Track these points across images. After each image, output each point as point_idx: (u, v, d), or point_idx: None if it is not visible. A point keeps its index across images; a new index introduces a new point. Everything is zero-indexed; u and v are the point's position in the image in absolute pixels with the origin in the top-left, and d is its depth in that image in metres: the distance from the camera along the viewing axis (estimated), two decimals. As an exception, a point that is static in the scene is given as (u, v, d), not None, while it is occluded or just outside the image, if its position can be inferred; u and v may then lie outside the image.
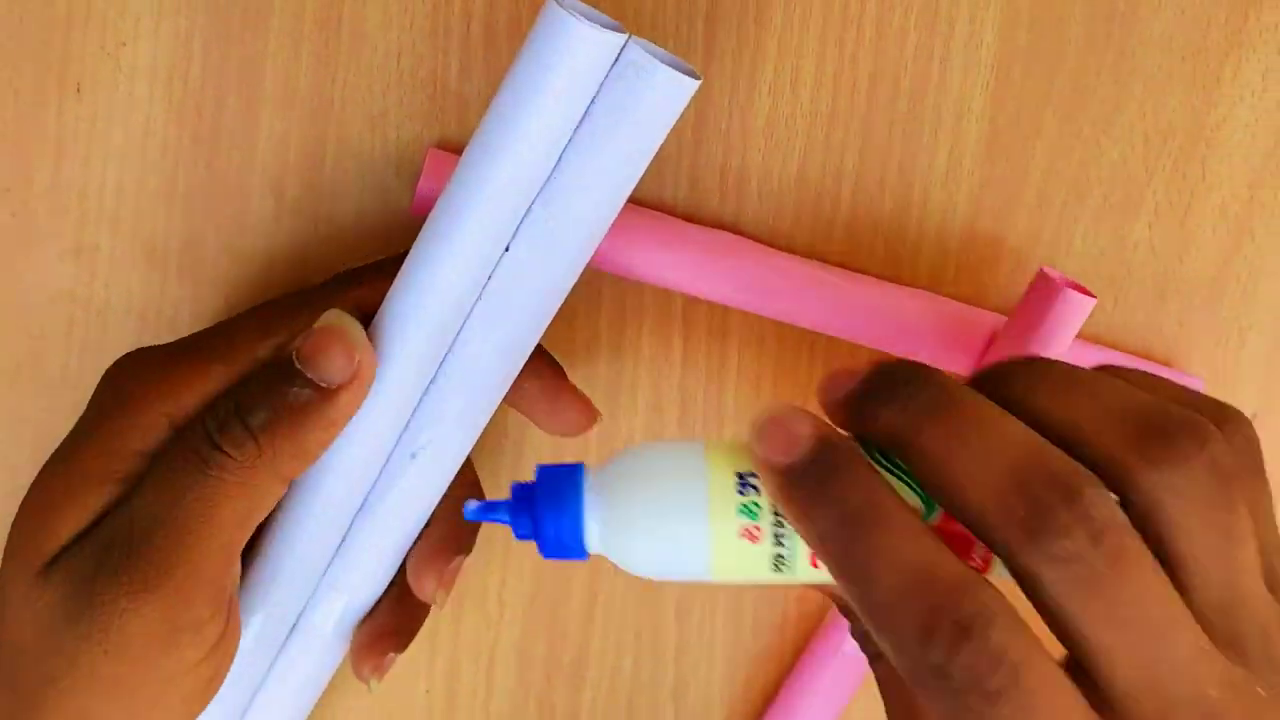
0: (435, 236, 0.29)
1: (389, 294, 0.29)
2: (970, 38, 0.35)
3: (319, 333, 0.28)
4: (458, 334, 0.29)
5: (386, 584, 0.33)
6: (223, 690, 0.30)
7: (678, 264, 0.34)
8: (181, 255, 0.35)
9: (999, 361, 0.25)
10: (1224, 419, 0.24)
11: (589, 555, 0.26)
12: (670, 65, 0.27)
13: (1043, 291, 0.32)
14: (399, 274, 0.29)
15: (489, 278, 0.29)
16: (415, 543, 0.32)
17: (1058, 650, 0.23)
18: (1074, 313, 0.32)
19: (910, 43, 0.35)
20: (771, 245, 0.36)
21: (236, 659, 0.30)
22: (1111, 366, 0.26)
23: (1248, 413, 0.36)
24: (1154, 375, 0.25)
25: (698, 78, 0.28)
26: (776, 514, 0.25)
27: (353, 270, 0.32)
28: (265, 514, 0.28)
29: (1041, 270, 0.33)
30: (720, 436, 0.37)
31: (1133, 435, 0.23)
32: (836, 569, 0.23)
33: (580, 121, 0.28)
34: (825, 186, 0.35)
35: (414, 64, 0.34)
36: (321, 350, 0.27)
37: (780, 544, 0.25)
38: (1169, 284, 0.37)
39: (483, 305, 0.29)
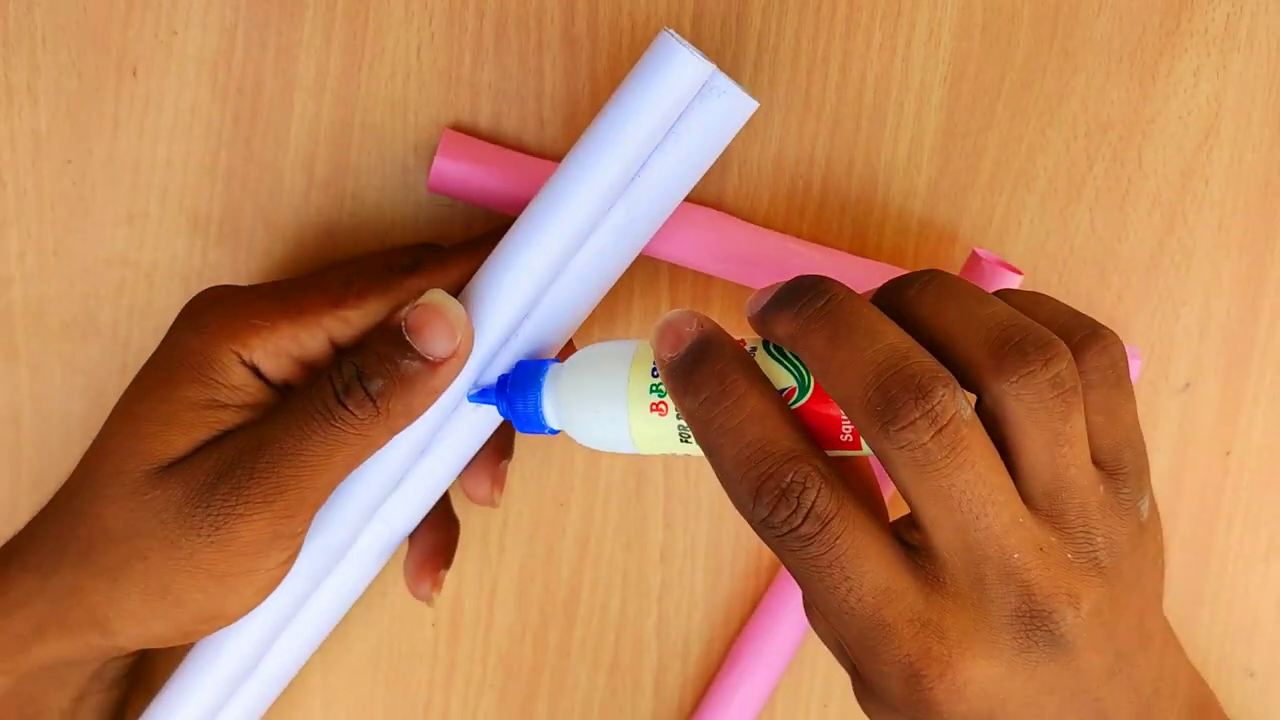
0: (535, 224, 0.32)
1: (482, 271, 0.33)
2: (929, 38, 0.38)
3: (424, 309, 0.31)
4: (534, 307, 0.33)
5: (425, 512, 0.36)
6: (271, 604, 0.34)
7: (665, 237, 0.37)
8: (221, 224, 0.39)
9: (900, 275, 0.29)
10: (1095, 337, 0.28)
11: (554, 430, 0.32)
12: (740, 88, 0.31)
13: (974, 269, 0.36)
14: (494, 254, 0.33)
15: (571, 259, 0.32)
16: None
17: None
18: (1002, 287, 0.35)
19: (875, 42, 0.38)
20: (750, 220, 0.39)
21: (290, 583, 0.34)
22: (1005, 290, 0.29)
23: (1181, 381, 0.40)
24: (1044, 296, 0.29)
25: (757, 101, 0.32)
26: None
27: (394, 254, 0.35)
28: (367, 458, 0.32)
29: (974, 251, 0.36)
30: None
31: (992, 345, 0.27)
32: (699, 441, 0.28)
33: (667, 134, 0.31)
34: (798, 170, 0.39)
35: (432, 55, 0.38)
36: (428, 325, 0.31)
37: (681, 418, 0.30)
38: (1109, 263, 0.39)
39: (558, 285, 0.33)
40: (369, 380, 0.31)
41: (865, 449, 0.29)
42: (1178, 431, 0.40)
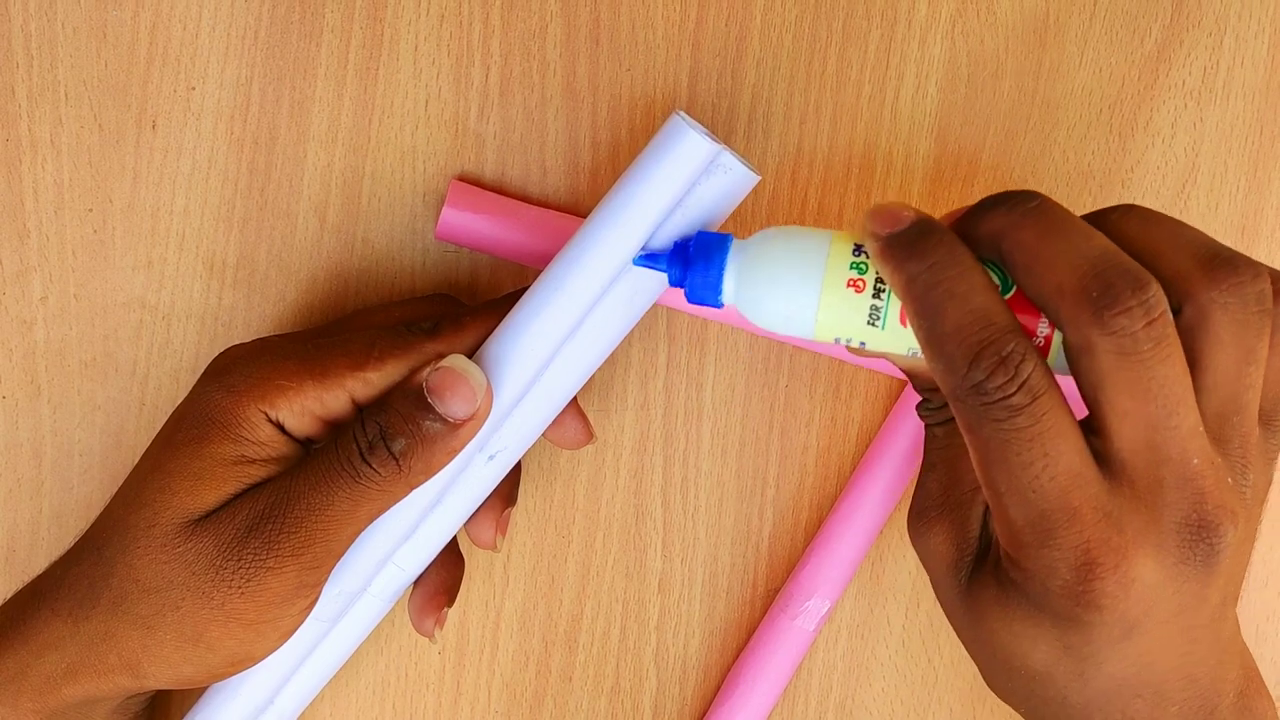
0: (550, 290, 0.34)
1: (500, 335, 0.34)
2: (916, 90, 0.40)
3: (445, 372, 0.33)
4: (546, 368, 0.34)
5: (434, 555, 0.37)
6: (292, 643, 0.35)
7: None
8: (237, 269, 0.40)
9: (1101, 209, 0.30)
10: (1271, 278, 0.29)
11: (720, 305, 0.32)
12: (744, 164, 0.33)
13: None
14: (511, 319, 0.34)
15: (581, 323, 0.34)
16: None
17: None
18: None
19: (864, 94, 0.40)
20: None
21: (310, 623, 0.35)
22: (1132, 207, 0.30)
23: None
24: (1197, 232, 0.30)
25: (758, 174, 0.33)
26: (880, 279, 0.30)
27: (411, 306, 0.37)
28: (387, 510, 0.34)
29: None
30: (699, 434, 0.42)
31: (1202, 259, 0.28)
32: (915, 307, 0.29)
33: (676, 207, 0.33)
34: (791, 217, 0.40)
35: (439, 108, 0.39)
36: (449, 388, 0.33)
37: (878, 296, 0.30)
38: (1090, 305, 0.41)
39: (571, 344, 0.34)
40: (392, 440, 0.32)
41: (1052, 362, 0.29)
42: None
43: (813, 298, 0.30)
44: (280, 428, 0.34)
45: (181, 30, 0.39)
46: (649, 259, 0.33)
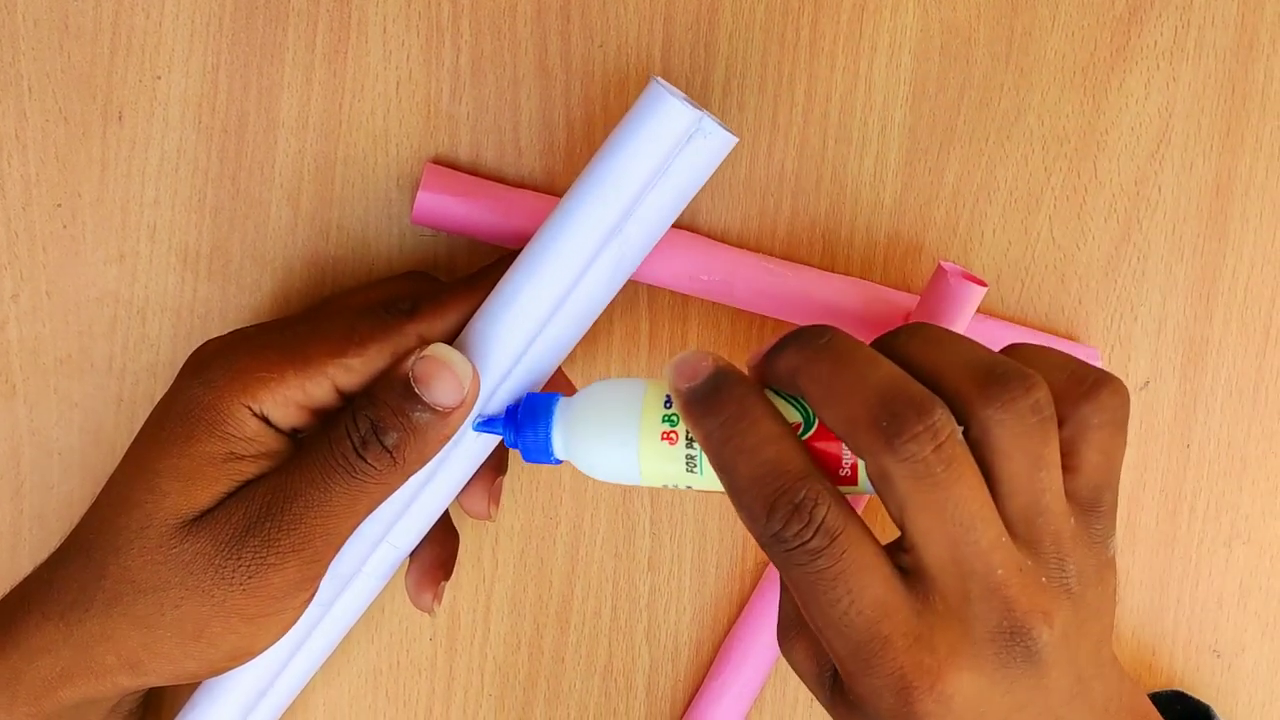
0: (535, 265, 0.33)
1: (483, 315, 0.34)
2: (890, 60, 0.40)
3: (430, 361, 0.33)
4: (530, 344, 0.34)
5: (426, 531, 0.37)
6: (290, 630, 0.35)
7: (644, 263, 0.38)
8: (211, 260, 0.40)
9: (892, 329, 0.31)
10: (1107, 380, 0.30)
11: (557, 461, 0.33)
12: (723, 127, 0.33)
13: (941, 281, 0.37)
14: (493, 298, 0.34)
15: (566, 298, 0.34)
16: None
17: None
18: (967, 298, 0.36)
19: (838, 65, 0.39)
20: (724, 241, 0.40)
21: (310, 606, 0.35)
22: (1014, 345, 0.31)
23: (1141, 379, 0.41)
24: (1050, 349, 0.31)
25: (737, 137, 0.33)
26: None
27: (390, 285, 0.36)
28: (385, 499, 0.34)
29: (939, 264, 0.38)
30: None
31: (978, 379, 0.29)
32: (714, 462, 0.30)
33: (658, 176, 0.33)
34: (769, 189, 0.40)
35: (411, 90, 0.39)
36: (435, 377, 0.33)
37: (691, 447, 0.31)
38: (1068, 269, 0.41)
39: (557, 320, 0.34)
40: (384, 434, 0.32)
41: (862, 484, 0.30)
42: (1140, 427, 0.42)
43: (631, 453, 0.32)
44: (266, 420, 0.33)
45: (145, 19, 0.38)
46: (486, 424, 0.34)
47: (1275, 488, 0.42)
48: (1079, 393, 0.29)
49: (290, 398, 0.33)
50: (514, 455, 0.41)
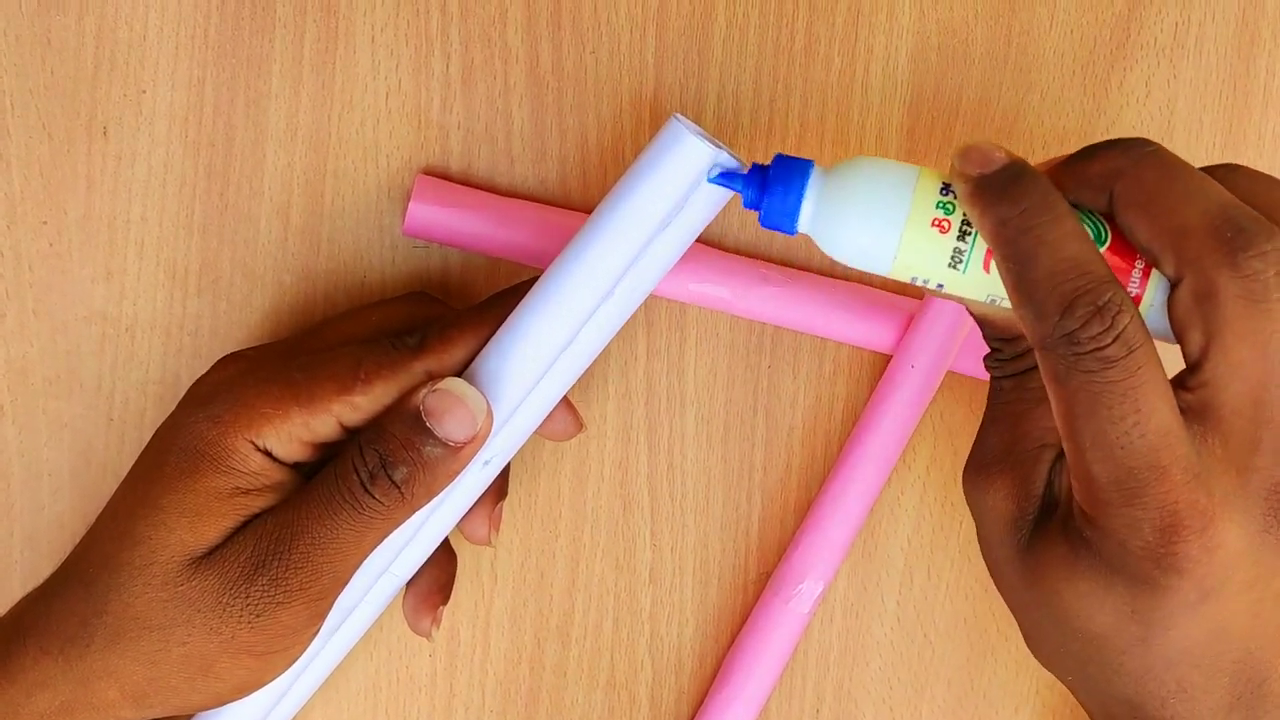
0: (548, 303, 0.33)
1: (494, 351, 0.33)
2: (887, 62, 0.39)
3: (442, 395, 0.32)
4: (541, 376, 0.34)
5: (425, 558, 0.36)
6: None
7: None
8: (200, 276, 0.39)
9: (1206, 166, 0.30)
10: None
11: (794, 232, 0.32)
12: (737, 160, 0.32)
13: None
14: (505, 333, 0.33)
15: (577, 334, 0.33)
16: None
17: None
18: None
19: (834, 69, 0.39)
20: (720, 248, 0.40)
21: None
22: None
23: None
24: None
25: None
26: (966, 220, 0.30)
27: (393, 308, 0.36)
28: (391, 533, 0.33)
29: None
30: (683, 421, 0.41)
31: (1224, 230, 0.27)
32: (1005, 252, 0.28)
33: (675, 213, 0.32)
34: (766, 195, 0.40)
35: (400, 101, 0.38)
36: (448, 412, 0.32)
37: (963, 239, 0.30)
38: (1071, 270, 0.41)
39: (566, 356, 0.33)
40: (393, 469, 0.32)
41: (1144, 309, 0.29)
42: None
43: (895, 234, 0.30)
44: (269, 454, 0.33)
45: (128, 32, 0.38)
46: (725, 178, 0.32)
47: None
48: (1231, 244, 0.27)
49: (294, 434, 0.33)
50: (512, 473, 0.40)
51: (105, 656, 0.32)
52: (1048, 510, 0.30)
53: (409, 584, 0.37)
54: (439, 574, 0.37)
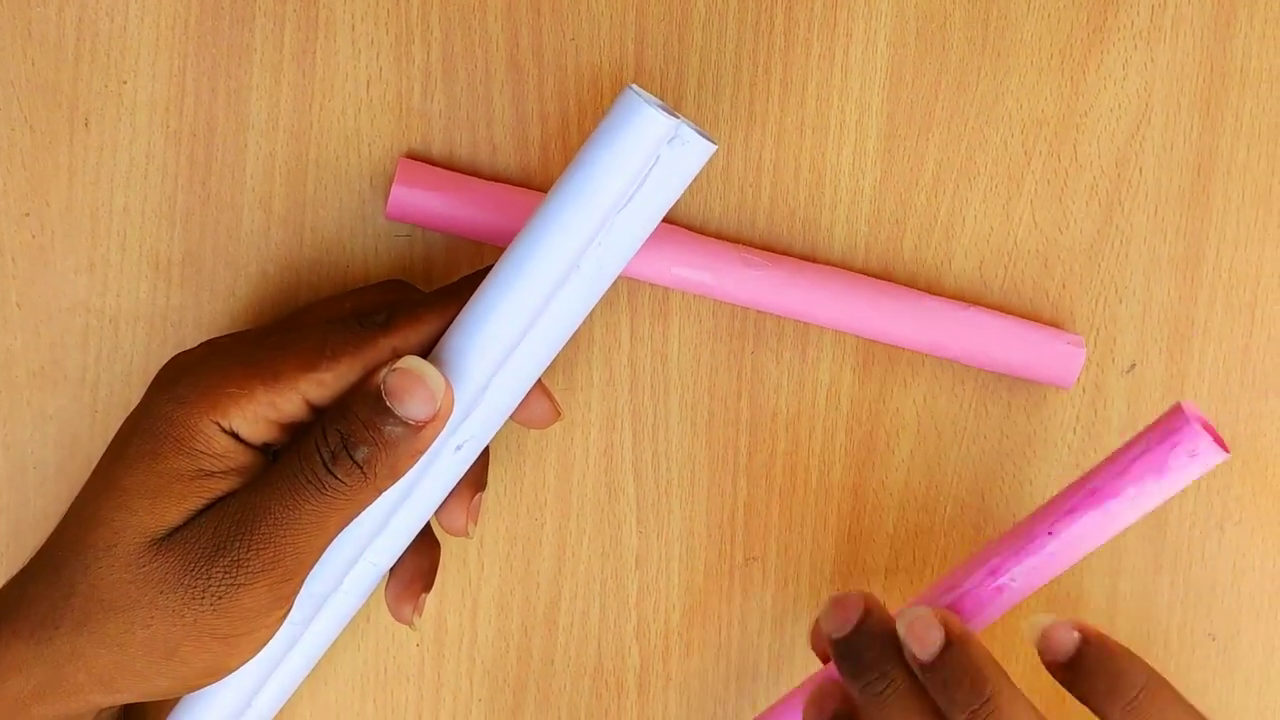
0: (509, 279, 0.33)
1: (458, 329, 0.33)
2: (866, 46, 0.39)
3: (402, 374, 0.32)
4: (508, 358, 0.33)
5: (405, 547, 0.36)
6: (266, 649, 0.34)
7: None
8: (183, 266, 0.39)
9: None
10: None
11: None
12: (701, 134, 0.32)
13: (1176, 420, 0.33)
14: (468, 311, 0.33)
15: (543, 311, 0.33)
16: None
17: None
18: (1198, 465, 0.33)
19: (814, 52, 0.39)
20: (703, 233, 0.40)
21: (286, 626, 0.34)
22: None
23: (1126, 362, 0.41)
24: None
25: (715, 143, 0.33)
26: None
27: (364, 294, 0.36)
28: (357, 515, 0.33)
29: (1178, 406, 0.34)
30: (667, 407, 0.41)
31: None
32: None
33: (636, 187, 0.32)
34: (747, 179, 0.40)
35: (381, 89, 0.38)
36: (407, 391, 0.32)
37: None
38: (1051, 253, 0.41)
39: (534, 331, 0.33)
40: (355, 449, 0.32)
41: None
42: (1127, 411, 0.42)
43: None
44: (235, 436, 0.33)
45: (109, 23, 0.38)
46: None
47: (1264, 466, 0.42)
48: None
49: (260, 413, 0.33)
50: (496, 462, 0.40)
51: (73, 640, 0.32)
52: None
53: (391, 572, 0.37)
54: (421, 561, 0.37)
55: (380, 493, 0.33)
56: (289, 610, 0.34)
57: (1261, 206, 0.41)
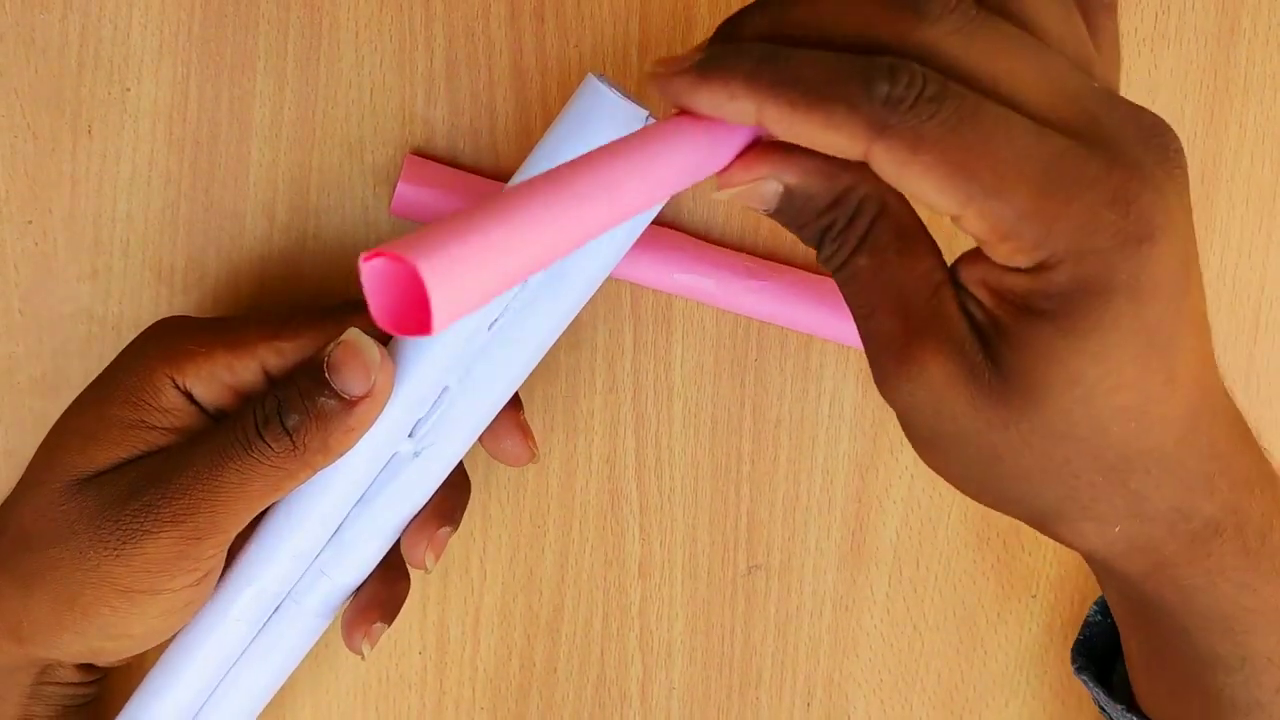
0: None
1: None
2: None
3: (344, 346, 0.31)
4: (480, 349, 0.32)
5: (372, 568, 0.35)
6: (207, 652, 0.34)
7: (626, 259, 0.37)
8: (186, 273, 0.39)
9: None
10: None
11: None
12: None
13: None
14: None
15: (505, 308, 0.32)
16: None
17: None
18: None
19: (817, 59, 0.39)
20: (706, 239, 0.40)
21: (224, 626, 0.34)
22: None
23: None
24: None
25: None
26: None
27: (349, 301, 0.35)
28: (288, 492, 0.33)
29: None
30: (670, 414, 0.41)
31: None
32: (768, 87, 0.25)
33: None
34: (751, 187, 0.40)
35: (385, 96, 0.38)
36: (344, 364, 0.31)
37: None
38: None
39: (499, 328, 0.32)
40: (287, 415, 0.31)
41: None
42: (1130, 418, 0.41)
43: None
44: (190, 397, 0.33)
45: (112, 31, 0.38)
46: None
47: (1270, 476, 0.42)
48: None
49: (216, 375, 0.33)
50: (496, 479, 0.40)
51: None
52: (986, 338, 0.26)
53: (354, 595, 0.36)
54: (382, 590, 0.36)
55: (312, 469, 0.32)
56: (201, 581, 0.33)
57: (1265, 214, 0.41)
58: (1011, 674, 0.42)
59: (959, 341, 0.26)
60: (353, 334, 0.32)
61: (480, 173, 0.39)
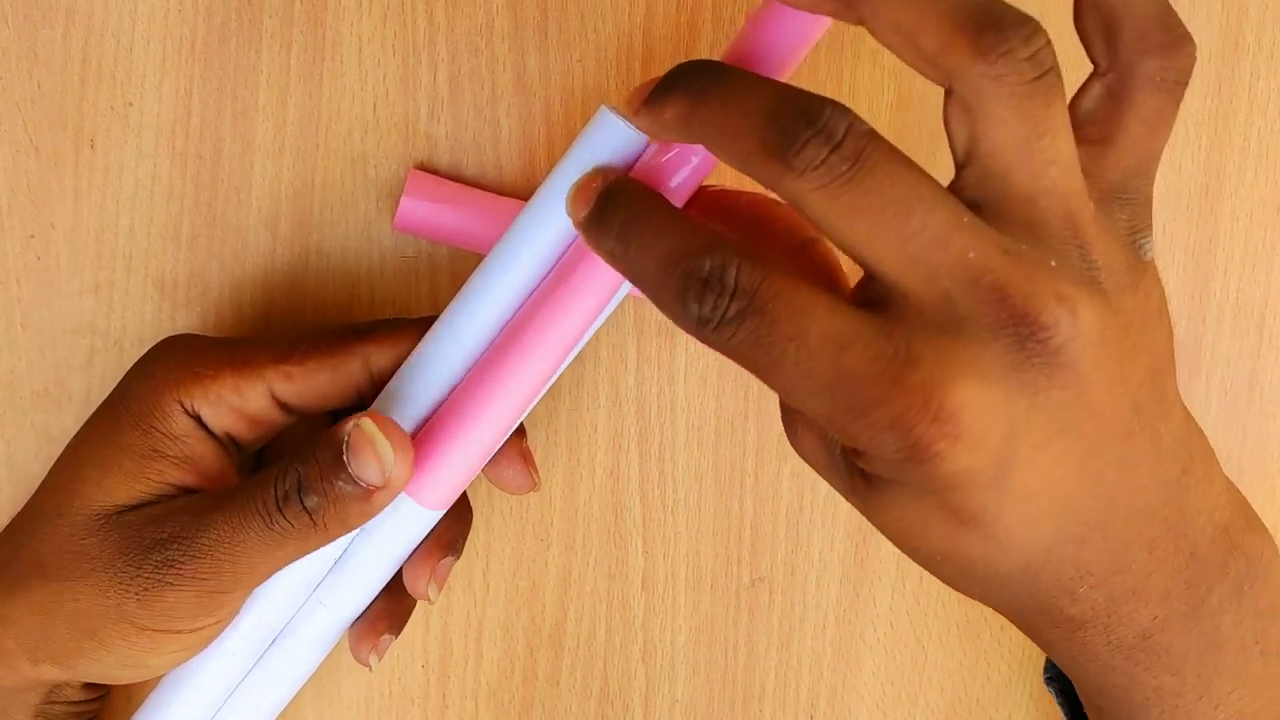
0: (465, 299, 0.32)
1: (427, 338, 0.33)
2: (874, 66, 0.39)
3: (359, 433, 0.31)
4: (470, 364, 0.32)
5: (371, 600, 0.35)
6: (204, 680, 0.34)
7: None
8: (188, 287, 0.39)
9: None
10: (1186, 41, 0.26)
11: None
12: None
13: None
14: (442, 318, 0.33)
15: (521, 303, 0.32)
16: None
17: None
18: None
19: (822, 73, 0.39)
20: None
21: (222, 656, 0.34)
22: None
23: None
24: None
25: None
26: None
27: (359, 326, 0.35)
28: (311, 552, 0.33)
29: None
30: (674, 427, 0.41)
31: (963, 27, 0.24)
32: (625, 273, 0.27)
33: None
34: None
35: (388, 111, 0.38)
36: (361, 451, 0.31)
37: None
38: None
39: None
40: (306, 494, 0.31)
41: None
42: (1134, 431, 0.41)
43: None
44: (199, 421, 0.33)
45: (115, 45, 0.37)
46: None
47: (1273, 487, 0.42)
48: (1153, 41, 0.25)
49: (225, 398, 0.33)
50: (498, 493, 0.40)
51: (6, 604, 0.32)
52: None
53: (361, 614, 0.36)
54: (391, 603, 0.36)
55: (330, 540, 0.32)
56: (220, 622, 0.33)
57: (1269, 227, 0.41)
58: (1015, 688, 0.42)
59: (829, 436, 0.28)
60: (368, 425, 0.31)
61: (483, 187, 0.39)
